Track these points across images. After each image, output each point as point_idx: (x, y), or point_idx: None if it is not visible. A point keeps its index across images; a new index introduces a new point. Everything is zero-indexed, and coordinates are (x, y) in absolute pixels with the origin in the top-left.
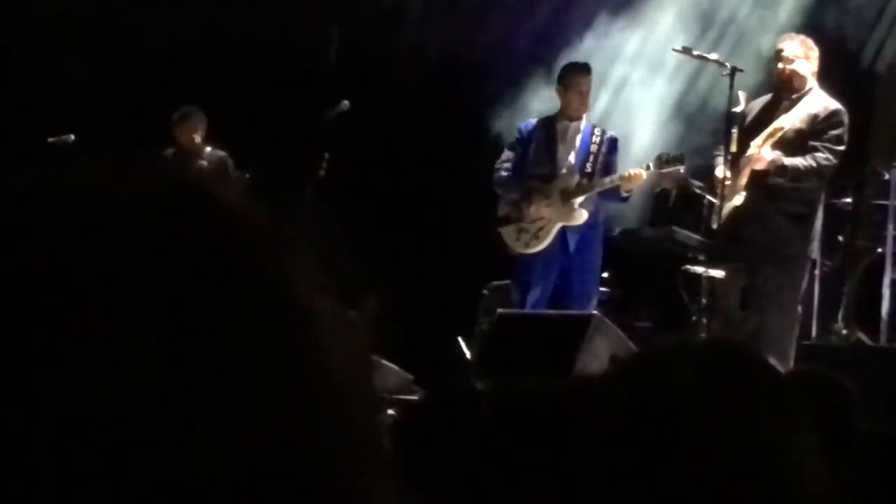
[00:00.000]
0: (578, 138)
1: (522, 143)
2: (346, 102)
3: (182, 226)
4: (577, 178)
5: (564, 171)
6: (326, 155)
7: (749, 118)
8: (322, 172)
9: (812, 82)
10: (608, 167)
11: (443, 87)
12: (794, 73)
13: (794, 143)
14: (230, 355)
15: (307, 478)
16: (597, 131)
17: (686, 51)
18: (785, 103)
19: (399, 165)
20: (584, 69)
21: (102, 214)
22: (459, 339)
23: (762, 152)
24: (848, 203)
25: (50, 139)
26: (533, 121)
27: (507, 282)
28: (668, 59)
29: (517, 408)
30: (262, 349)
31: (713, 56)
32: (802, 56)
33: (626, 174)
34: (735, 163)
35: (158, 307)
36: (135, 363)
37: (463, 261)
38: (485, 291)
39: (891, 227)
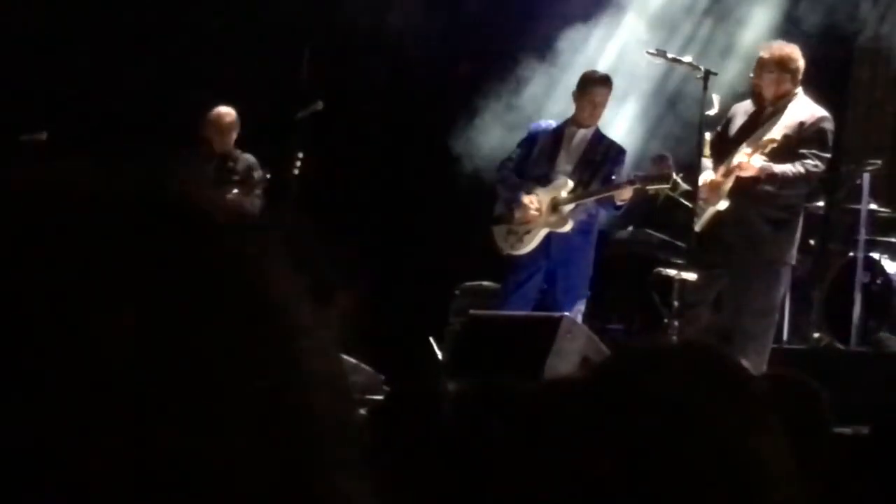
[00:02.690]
0: (583, 147)
1: (529, 143)
2: (320, 102)
3: (159, 229)
4: (570, 185)
5: (560, 177)
6: (300, 154)
7: (733, 124)
8: (295, 172)
9: (796, 89)
10: (609, 179)
11: (417, 85)
12: (770, 83)
13: (782, 150)
14: (206, 357)
15: (284, 478)
16: (604, 142)
17: (660, 53)
18: (769, 110)
19: (372, 165)
20: (601, 80)
21: (81, 216)
22: (431, 340)
23: (751, 161)
24: (820, 207)
25: (22, 137)
26: (545, 122)
27: (479, 282)
28: (642, 61)
29: (487, 408)
30: (238, 351)
31: (687, 59)
32: (779, 66)
33: (613, 186)
34: (716, 167)
35: (134, 309)
36: (109, 365)
37: (435, 261)
38: (456, 292)
39: (862, 231)
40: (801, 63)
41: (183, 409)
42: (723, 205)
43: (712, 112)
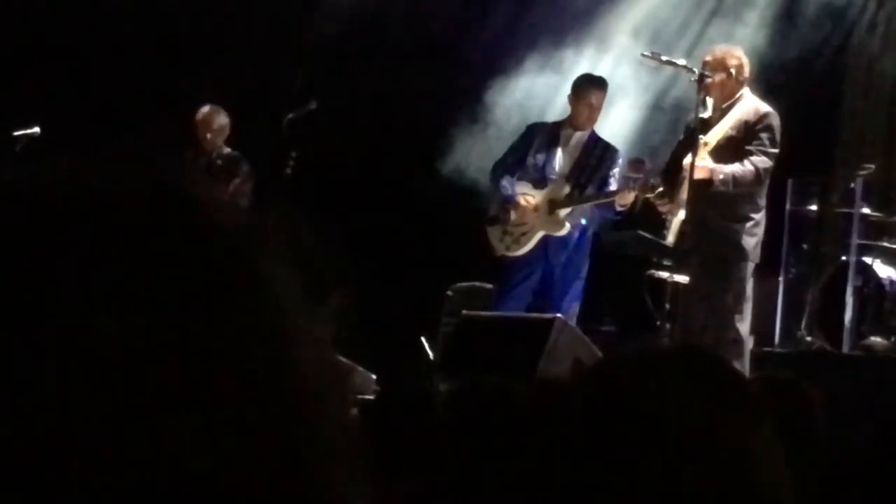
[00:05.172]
0: (579, 149)
1: (525, 144)
2: (313, 102)
3: (160, 228)
4: (567, 188)
5: (556, 179)
6: (293, 153)
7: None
8: (288, 171)
9: (741, 90)
10: (606, 182)
11: (412, 85)
12: (713, 86)
13: (727, 150)
14: (207, 357)
15: (284, 480)
16: (600, 145)
17: (654, 56)
18: (717, 114)
19: (365, 164)
20: (597, 83)
21: (83, 214)
22: (423, 340)
23: (700, 164)
24: (812, 211)
25: (15, 132)
26: (541, 123)
27: (472, 283)
28: (635, 63)
29: (479, 409)
30: (238, 351)
31: (681, 61)
32: (721, 68)
33: (613, 191)
34: (676, 176)
35: (135, 309)
36: (110, 366)
37: (428, 261)
38: (449, 292)
39: (855, 235)
40: (741, 62)
41: (180, 408)
42: (682, 214)
43: (706, 115)
